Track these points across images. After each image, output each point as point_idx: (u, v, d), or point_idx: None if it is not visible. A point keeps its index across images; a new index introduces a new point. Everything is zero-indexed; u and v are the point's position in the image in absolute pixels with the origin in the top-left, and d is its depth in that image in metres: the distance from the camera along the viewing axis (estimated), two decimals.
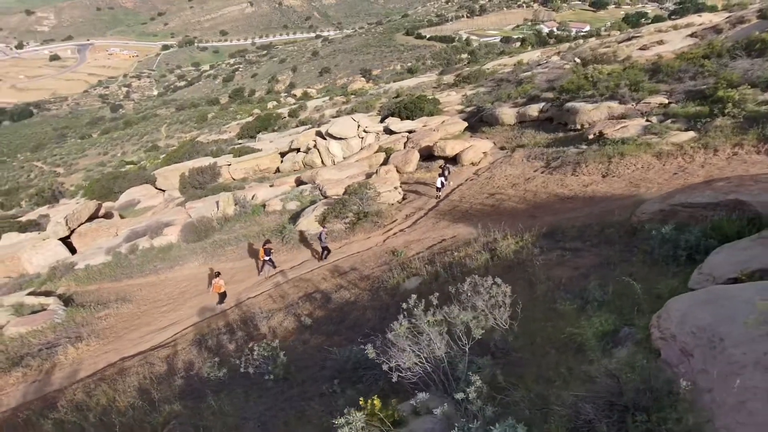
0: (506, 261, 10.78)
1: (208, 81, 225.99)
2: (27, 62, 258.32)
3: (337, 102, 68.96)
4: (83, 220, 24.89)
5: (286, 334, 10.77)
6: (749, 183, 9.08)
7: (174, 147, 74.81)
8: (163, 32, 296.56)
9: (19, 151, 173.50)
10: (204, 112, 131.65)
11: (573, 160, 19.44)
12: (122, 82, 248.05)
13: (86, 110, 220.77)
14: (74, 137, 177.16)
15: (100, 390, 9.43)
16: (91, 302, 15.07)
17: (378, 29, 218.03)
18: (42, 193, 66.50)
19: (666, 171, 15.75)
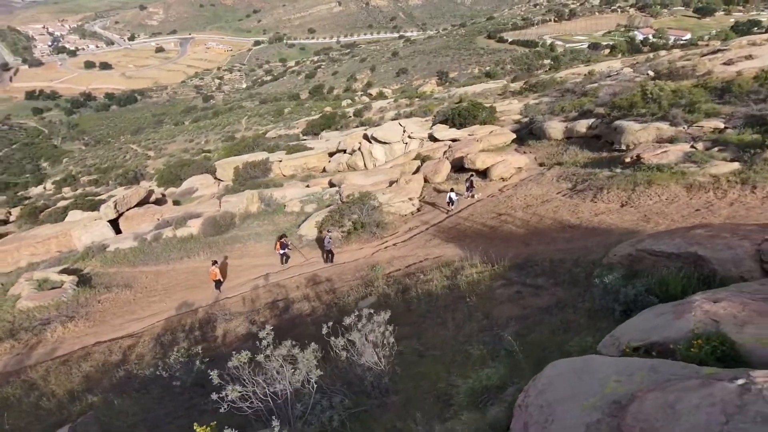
0: (461, 291, 10.31)
1: (292, 77, 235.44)
2: (136, 53, 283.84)
3: (401, 104, 69.18)
4: (132, 204, 27.07)
5: (234, 340, 11.11)
6: (725, 234, 7.96)
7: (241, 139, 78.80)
8: (256, 29, 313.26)
9: (122, 133, 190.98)
10: (282, 106, 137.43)
11: (599, 185, 18.16)
12: (216, 75, 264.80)
13: (182, 99, 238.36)
14: (169, 124, 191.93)
15: (56, 371, 10.33)
16: (102, 284, 16.43)
17: (460, 31, 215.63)
18: (126, 174, 73.10)
19: (689, 206, 14.26)
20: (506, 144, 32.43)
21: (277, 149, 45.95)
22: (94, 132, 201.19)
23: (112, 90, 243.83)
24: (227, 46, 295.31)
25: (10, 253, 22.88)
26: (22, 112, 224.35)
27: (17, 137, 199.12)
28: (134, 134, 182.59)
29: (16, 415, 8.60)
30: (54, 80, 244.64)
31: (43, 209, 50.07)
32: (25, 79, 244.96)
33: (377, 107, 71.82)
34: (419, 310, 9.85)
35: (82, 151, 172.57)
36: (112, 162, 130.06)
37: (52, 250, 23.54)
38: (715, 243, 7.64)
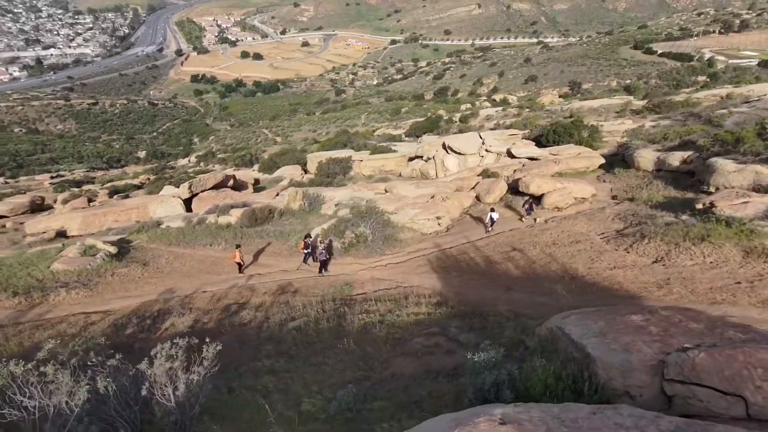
0: (377, 332, 9.48)
1: (420, 77, 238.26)
2: (285, 46, 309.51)
3: (509, 113, 66.16)
4: (207, 186, 29.65)
5: (167, 335, 11.43)
6: (654, 328, 6.14)
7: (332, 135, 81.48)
8: (394, 28, 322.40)
9: (261, 118, 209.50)
10: (400, 106, 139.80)
11: (647, 231, 15.55)
12: (350, 70, 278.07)
13: (317, 91, 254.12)
14: (302, 113, 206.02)
15: (22, 334, 11.61)
16: (131, 258, 18.21)
17: (604, 39, 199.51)
18: (244, 157, 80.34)
19: (732, 276, 11.59)
20: (589, 169, 29.39)
21: (363, 148, 46.91)
22: (240, 115, 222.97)
23: (260, 78, 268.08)
24: (365, 44, 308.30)
25: (98, 218, 26.57)
26: (186, 93, 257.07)
27: (179, 114, 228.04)
28: (271, 120, 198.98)
29: None
30: (215, 67, 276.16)
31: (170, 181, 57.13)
32: (193, 65, 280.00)
33: (484, 115, 69.61)
34: (322, 343, 9.27)
35: (226, 131, 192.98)
36: (244, 143, 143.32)
37: (132, 219, 26.78)
38: (619, 339, 6.01)
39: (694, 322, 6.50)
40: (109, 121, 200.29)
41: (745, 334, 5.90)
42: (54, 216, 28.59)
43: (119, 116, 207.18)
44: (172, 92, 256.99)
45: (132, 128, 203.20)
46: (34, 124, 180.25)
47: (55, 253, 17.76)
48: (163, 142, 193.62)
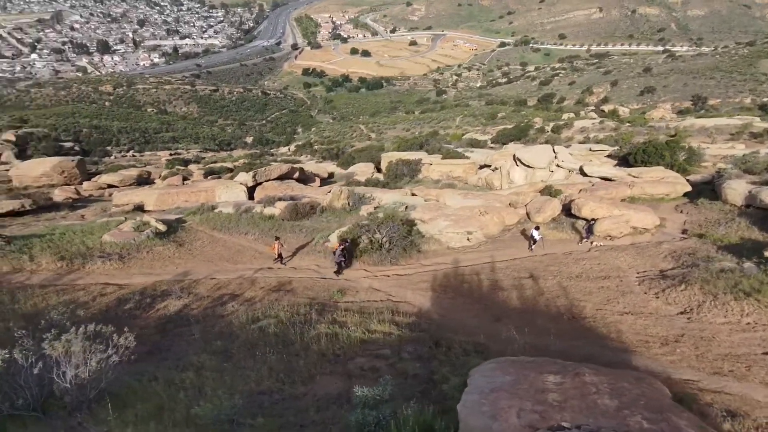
0: (321, 346, 9.25)
1: (526, 82, 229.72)
2: (393, 44, 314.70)
3: (606, 127, 61.35)
4: (272, 177, 31.18)
5: (156, 317, 12.08)
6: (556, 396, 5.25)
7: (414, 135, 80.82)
8: (505, 30, 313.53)
9: (362, 114, 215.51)
10: (496, 110, 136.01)
11: (692, 277, 13.63)
12: (455, 71, 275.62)
13: (419, 90, 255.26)
14: (401, 111, 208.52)
15: (47, 295, 12.99)
16: (173, 237, 19.61)
17: (742, 51, 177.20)
18: (330, 150, 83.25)
19: (761, 345, 9.83)
20: (668, 197, 26.49)
21: (437, 152, 46.36)
22: (342, 109, 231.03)
23: (366, 75, 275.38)
24: (473, 45, 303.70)
25: (171, 196, 29.17)
26: (296, 85, 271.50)
27: (287, 105, 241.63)
28: (371, 116, 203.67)
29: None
30: (325, 62, 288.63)
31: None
32: (306, 59, 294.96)
33: (579, 126, 65.27)
34: (267, 348, 9.22)
35: (327, 124, 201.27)
36: (340, 137, 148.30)
37: (200, 200, 29.01)
38: (498, 402, 5.29)
39: (613, 398, 5.56)
40: (226, 107, 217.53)
41: (656, 424, 4.91)
42: (136, 191, 31.87)
43: (235, 103, 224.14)
44: (284, 84, 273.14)
45: (245, 115, 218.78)
46: (163, 105, 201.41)
47: (114, 226, 19.84)
48: (270, 130, 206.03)
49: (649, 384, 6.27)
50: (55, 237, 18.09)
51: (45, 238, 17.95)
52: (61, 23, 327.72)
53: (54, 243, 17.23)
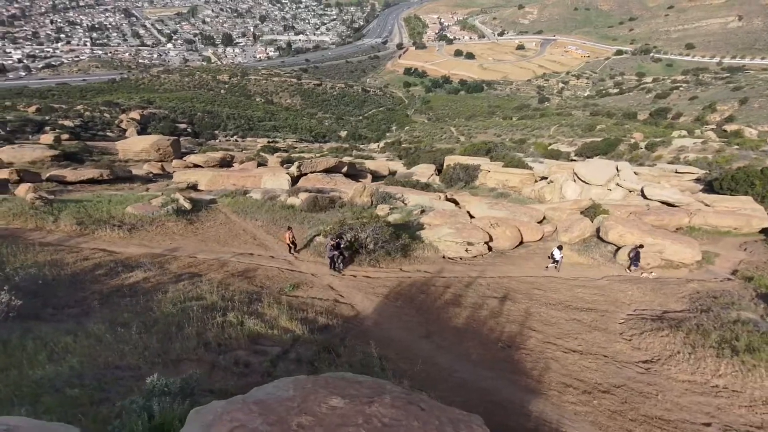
0: (218, 334, 9.16)
1: (640, 94, 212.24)
2: (499, 47, 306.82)
3: (708, 148, 54.51)
4: (317, 169, 31.85)
5: (114, 283, 12.80)
6: None
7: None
8: (624, 37, 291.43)
9: (457, 116, 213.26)
10: (595, 122, 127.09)
11: (686, 323, 11.69)
12: (561, 78, 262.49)
13: (520, 96, 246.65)
14: (498, 116, 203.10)
15: (34, 254, 14.30)
16: (192, 216, 20.58)
17: None
18: (408, 150, 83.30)
19: (707, 410, 8.10)
20: (738, 231, 23.06)
21: (501, 159, 44.49)
22: (439, 110, 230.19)
23: (467, 77, 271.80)
24: (586, 52, 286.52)
25: (222, 179, 31.05)
26: (396, 84, 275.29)
27: (385, 102, 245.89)
28: (467, 119, 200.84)
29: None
30: (427, 62, 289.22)
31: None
32: (409, 58, 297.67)
33: (678, 145, 58.76)
34: (163, 326, 9.28)
35: (421, 124, 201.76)
36: (429, 137, 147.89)
37: (247, 185, 30.58)
38: None
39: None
40: (326, 102, 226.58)
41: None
42: (194, 171, 34.39)
43: (335, 98, 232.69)
44: (385, 82, 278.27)
45: (343, 110, 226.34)
46: (270, 96, 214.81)
47: (146, 199, 21.58)
48: (365, 126, 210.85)
49: (463, 428, 5.44)
50: (91, 204, 20.14)
51: (83, 203, 20.07)
52: (195, 17, 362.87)
53: (84, 209, 19.16)
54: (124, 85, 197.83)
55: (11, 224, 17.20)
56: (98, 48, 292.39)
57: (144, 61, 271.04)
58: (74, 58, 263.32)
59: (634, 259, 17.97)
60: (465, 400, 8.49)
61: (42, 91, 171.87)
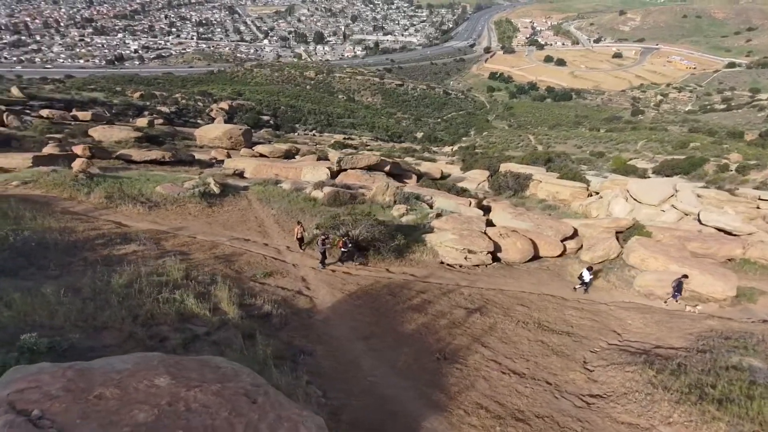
0: (158, 313, 9.44)
1: (750, 111, 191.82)
2: (594, 55, 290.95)
3: None
4: (357, 165, 32.08)
5: (107, 252, 13.59)
6: None
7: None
8: (739, 48, 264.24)
9: (540, 124, 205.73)
10: (689, 140, 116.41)
11: (666, 362, 10.42)
12: (660, 91, 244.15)
13: (612, 107, 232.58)
14: (585, 127, 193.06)
15: (72, 221, 15.74)
16: (217, 199, 21.51)
17: None
18: (474, 155, 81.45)
19: None
20: None
21: (558, 170, 42.28)
22: (521, 117, 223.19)
23: (554, 85, 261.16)
24: (692, 63, 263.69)
25: (266, 168, 32.28)
26: (480, 88, 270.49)
27: (466, 106, 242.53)
28: (550, 128, 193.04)
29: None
30: (514, 67, 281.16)
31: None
32: (496, 63, 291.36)
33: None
34: (117, 296, 9.80)
35: (500, 130, 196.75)
36: (505, 144, 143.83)
37: (289, 176, 31.59)
38: None
39: None
40: (407, 102, 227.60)
41: None
42: (241, 160, 36.07)
43: (416, 99, 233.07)
44: (468, 85, 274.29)
45: (423, 111, 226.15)
46: (353, 94, 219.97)
47: (181, 181, 23.02)
48: (443, 129, 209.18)
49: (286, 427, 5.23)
50: (129, 181, 21.87)
51: (122, 180, 21.86)
52: (291, 15, 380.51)
53: (119, 185, 20.82)
54: (220, 76, 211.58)
55: (50, 192, 19.19)
56: (203, 42, 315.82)
57: (241, 55, 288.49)
58: (181, 51, 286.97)
59: (676, 289, 16.24)
60: (362, 405, 8.16)
61: (149, 79, 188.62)
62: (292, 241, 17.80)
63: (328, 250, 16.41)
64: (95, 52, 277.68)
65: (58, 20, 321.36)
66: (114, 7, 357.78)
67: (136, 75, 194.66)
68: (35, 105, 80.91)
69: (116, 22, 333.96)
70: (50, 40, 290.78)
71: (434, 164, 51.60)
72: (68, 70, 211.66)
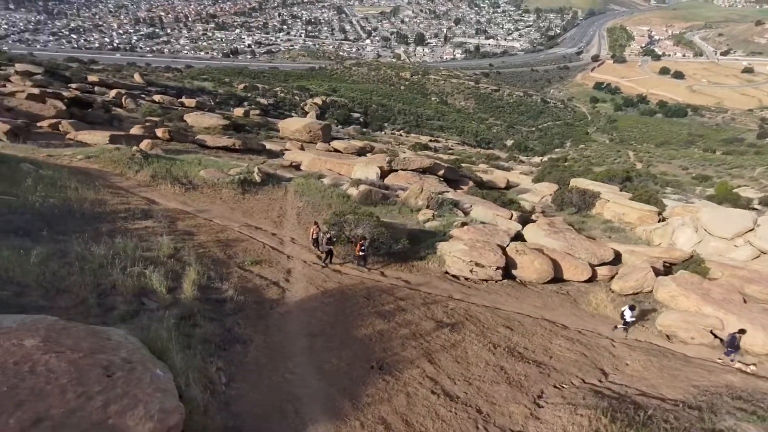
0: (122, 285, 10.06)
1: None
2: (718, 69, 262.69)
3: None
4: (410, 167, 31.80)
5: (122, 225, 14.66)
6: None
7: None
8: None
9: (646, 141, 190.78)
10: None
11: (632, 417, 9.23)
12: None
13: (735, 128, 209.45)
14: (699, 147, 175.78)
15: (93, 192, 17.58)
16: (256, 188, 22.30)
17: None
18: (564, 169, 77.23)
19: None
20: None
21: (634, 190, 38.87)
22: (625, 132, 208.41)
23: (668, 99, 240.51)
24: None
25: (320, 162, 33.16)
26: (582, 98, 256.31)
27: (564, 116, 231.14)
28: (657, 146, 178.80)
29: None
30: (624, 78, 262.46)
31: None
32: (603, 72, 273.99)
33: None
34: (92, 270, 10.77)
35: (599, 144, 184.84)
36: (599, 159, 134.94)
37: (341, 171, 32.29)
38: None
39: None
40: (500, 108, 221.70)
41: None
42: (299, 153, 37.55)
43: (511, 105, 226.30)
44: (570, 95, 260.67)
45: (516, 118, 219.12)
46: (445, 96, 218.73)
47: (227, 168, 24.44)
48: (537, 138, 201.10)
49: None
50: (181, 163, 23.65)
51: (175, 162, 23.67)
52: (395, 16, 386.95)
53: (169, 166, 22.55)
54: (320, 73, 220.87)
55: (105, 168, 21.38)
56: (309, 39, 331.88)
57: (343, 53, 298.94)
58: (289, 47, 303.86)
59: (728, 345, 14.11)
60: (259, 399, 8.11)
61: (256, 72, 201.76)
62: (299, 234, 18.22)
63: (335, 248, 16.47)
64: (214, 46, 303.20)
65: (187, 15, 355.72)
66: (235, 4, 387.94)
67: (245, 68, 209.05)
68: (152, 90, 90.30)
69: (235, 18, 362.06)
70: (178, 33, 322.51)
71: (502, 173, 49.91)
72: (189, 60, 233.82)
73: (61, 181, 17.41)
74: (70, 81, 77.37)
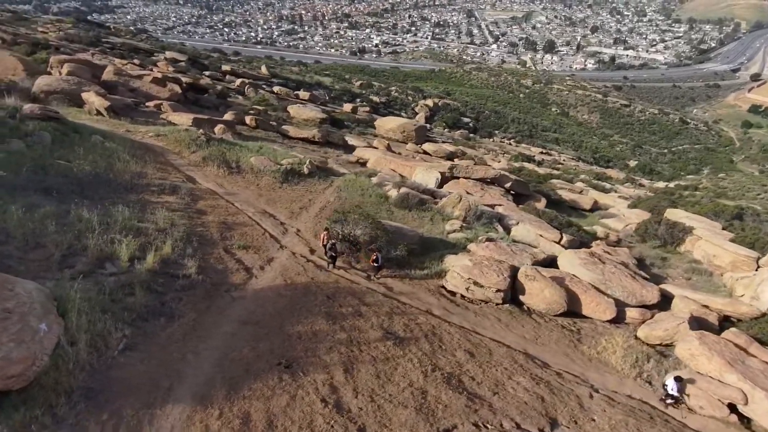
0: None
1: None
2: None
3: None
4: (472, 176, 30.55)
5: (152, 198, 16.08)
6: None
7: None
8: None
9: None
10: None
11: None
12: None
13: None
14: None
15: (141, 166, 19.66)
16: (297, 179, 22.77)
17: None
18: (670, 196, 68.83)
19: None
20: None
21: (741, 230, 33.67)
22: None
23: None
24: None
25: (385, 162, 33.04)
26: (732, 121, 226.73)
27: (706, 140, 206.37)
28: None
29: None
30: None
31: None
32: (763, 93, 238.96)
33: None
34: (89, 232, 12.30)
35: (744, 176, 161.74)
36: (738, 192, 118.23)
37: (404, 172, 32.33)
38: None
39: None
40: (629, 125, 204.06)
41: None
42: (366, 150, 37.85)
43: (642, 123, 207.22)
44: (717, 116, 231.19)
45: (646, 138, 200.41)
46: (567, 108, 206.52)
47: (288, 159, 25.78)
48: (668, 161, 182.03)
49: None
50: (239, 149, 25.36)
51: (234, 147, 25.41)
52: (527, 22, 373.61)
53: (225, 151, 24.17)
54: (439, 75, 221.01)
55: (167, 146, 23.73)
56: (435, 42, 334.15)
57: (466, 57, 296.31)
58: (413, 48, 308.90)
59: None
60: (146, 369, 8.61)
61: (377, 71, 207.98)
62: (308, 227, 18.48)
63: (340, 256, 16.15)
64: (344, 44, 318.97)
65: (324, 14, 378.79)
66: (369, 5, 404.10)
67: (367, 66, 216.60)
68: (274, 81, 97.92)
69: (368, 18, 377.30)
70: (314, 31, 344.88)
71: (595, 194, 46.46)
72: (318, 56, 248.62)
73: (117, 153, 19.86)
74: (207, 69, 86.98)
